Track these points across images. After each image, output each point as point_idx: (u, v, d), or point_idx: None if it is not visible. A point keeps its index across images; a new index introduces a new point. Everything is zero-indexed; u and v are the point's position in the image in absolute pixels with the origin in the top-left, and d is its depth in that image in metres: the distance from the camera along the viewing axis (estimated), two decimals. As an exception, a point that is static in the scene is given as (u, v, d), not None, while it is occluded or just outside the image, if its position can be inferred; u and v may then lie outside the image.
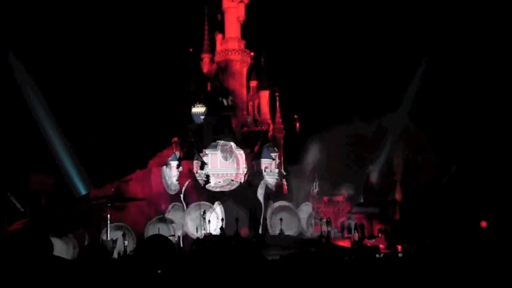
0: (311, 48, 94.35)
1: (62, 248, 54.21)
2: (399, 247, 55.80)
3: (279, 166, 70.64)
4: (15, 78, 72.81)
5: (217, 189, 65.75)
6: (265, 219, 63.18)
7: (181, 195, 64.84)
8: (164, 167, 67.47)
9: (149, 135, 74.17)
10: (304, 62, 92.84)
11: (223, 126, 70.32)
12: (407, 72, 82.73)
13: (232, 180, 66.94)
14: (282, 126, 76.14)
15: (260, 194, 65.23)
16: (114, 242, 55.76)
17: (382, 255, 50.79)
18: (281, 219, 63.06)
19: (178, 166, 66.57)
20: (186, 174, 65.73)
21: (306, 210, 66.40)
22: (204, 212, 62.81)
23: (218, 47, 76.49)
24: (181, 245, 57.11)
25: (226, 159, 68.10)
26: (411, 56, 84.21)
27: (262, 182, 65.83)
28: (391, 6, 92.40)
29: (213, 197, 64.27)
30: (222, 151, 68.01)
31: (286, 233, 62.48)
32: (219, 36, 76.97)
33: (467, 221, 57.91)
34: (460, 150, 74.46)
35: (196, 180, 66.08)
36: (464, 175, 70.13)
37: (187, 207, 63.39)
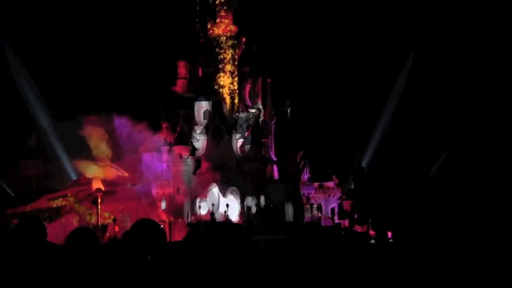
0: (303, 34, 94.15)
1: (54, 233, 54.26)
2: (389, 233, 56.16)
3: (270, 152, 70.73)
4: (8, 66, 72.83)
5: None
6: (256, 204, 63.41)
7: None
8: (155, 152, 67.40)
9: (139, 120, 73.67)
10: (296, 48, 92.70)
11: (215, 111, 70.48)
12: (399, 59, 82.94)
13: None
14: (273, 112, 76.08)
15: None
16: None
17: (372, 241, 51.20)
18: (271, 205, 63.31)
19: (169, 151, 66.50)
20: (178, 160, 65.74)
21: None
22: (195, 197, 63.03)
23: (210, 32, 76.14)
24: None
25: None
26: (402, 43, 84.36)
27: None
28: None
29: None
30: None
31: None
32: (210, 22, 76.60)
33: (456, 209, 58.27)
34: (450, 139, 74.84)
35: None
36: (454, 163, 70.51)
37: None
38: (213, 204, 61.10)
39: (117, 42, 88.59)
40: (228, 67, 74.50)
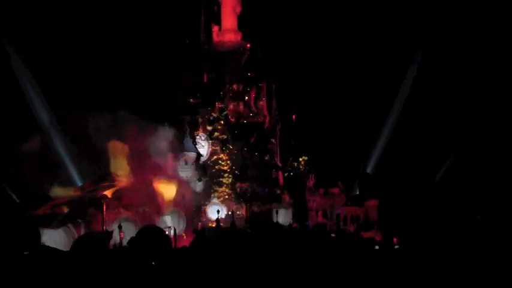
0: (307, 39, 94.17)
1: (60, 239, 54.25)
2: (395, 239, 56.01)
3: (275, 157, 70.74)
4: (10, 65, 72.96)
5: None
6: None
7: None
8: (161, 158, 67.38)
9: (144, 126, 73.71)
10: (301, 53, 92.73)
11: (220, 117, 70.62)
12: (404, 61, 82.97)
13: None
14: (278, 117, 76.09)
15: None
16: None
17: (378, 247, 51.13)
18: (276, 212, 63.31)
19: (174, 158, 66.57)
20: None
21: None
22: (201, 204, 63.06)
23: (214, 39, 76.43)
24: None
25: None
26: (408, 46, 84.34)
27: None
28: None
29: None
30: None
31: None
32: (215, 28, 76.92)
33: (462, 214, 58.18)
34: (456, 143, 74.75)
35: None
36: (460, 168, 70.40)
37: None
38: (218, 211, 61.03)
39: (122, 46, 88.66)
40: (233, 73, 74.67)
